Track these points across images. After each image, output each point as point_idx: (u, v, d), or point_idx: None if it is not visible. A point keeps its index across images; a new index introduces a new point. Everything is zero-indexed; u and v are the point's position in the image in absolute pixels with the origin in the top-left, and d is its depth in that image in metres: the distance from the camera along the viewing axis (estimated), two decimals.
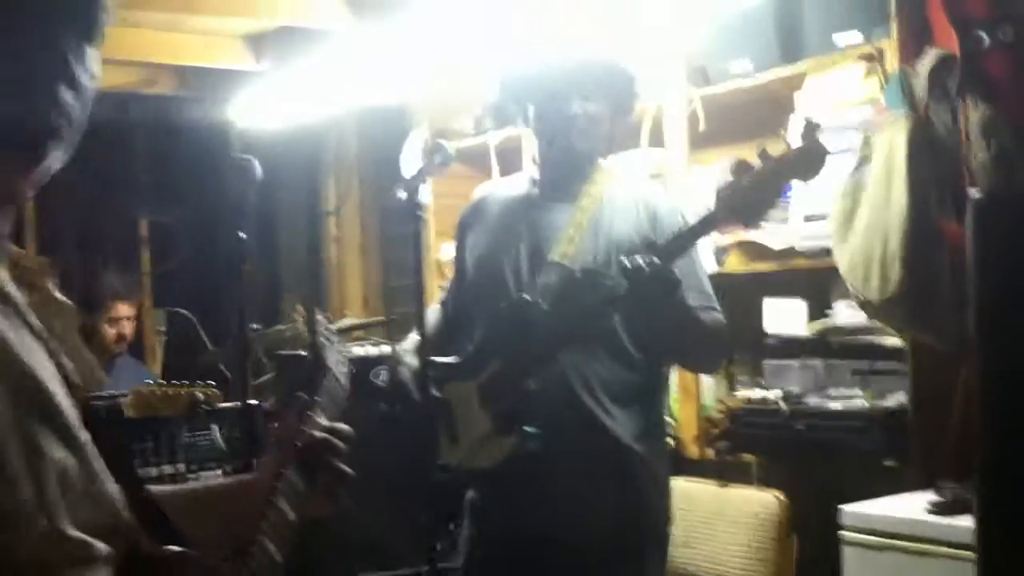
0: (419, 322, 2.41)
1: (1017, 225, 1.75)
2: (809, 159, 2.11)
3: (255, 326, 4.40)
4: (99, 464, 0.96)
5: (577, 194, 2.50)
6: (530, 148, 3.76)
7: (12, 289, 0.98)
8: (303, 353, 4.33)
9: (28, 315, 0.98)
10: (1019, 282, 1.76)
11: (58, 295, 1.16)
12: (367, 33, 4.15)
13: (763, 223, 3.16)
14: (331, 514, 1.42)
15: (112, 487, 0.97)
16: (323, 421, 1.46)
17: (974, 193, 1.97)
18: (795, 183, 2.25)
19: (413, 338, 2.55)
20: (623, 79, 2.54)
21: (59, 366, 0.98)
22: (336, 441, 1.43)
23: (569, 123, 2.46)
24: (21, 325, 0.96)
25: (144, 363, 5.34)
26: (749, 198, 2.16)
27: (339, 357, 1.71)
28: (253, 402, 3.55)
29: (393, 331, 3.12)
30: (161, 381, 3.72)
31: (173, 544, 1.03)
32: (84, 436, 0.95)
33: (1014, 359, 1.74)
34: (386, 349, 3.05)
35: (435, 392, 2.41)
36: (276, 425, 1.48)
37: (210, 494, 1.41)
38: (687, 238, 2.30)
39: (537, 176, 2.62)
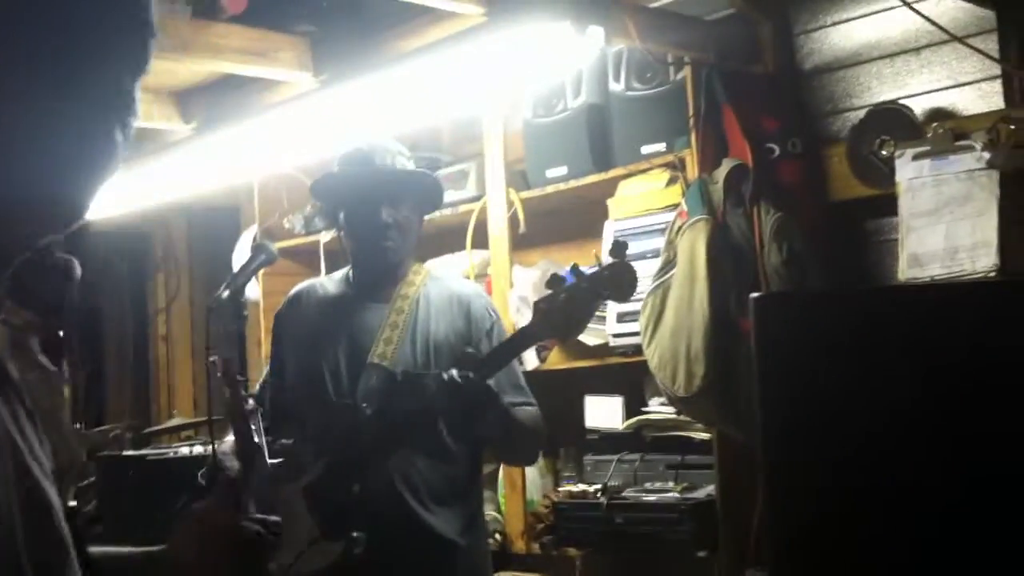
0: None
1: (793, 320, 1.88)
2: (619, 281, 2.20)
3: (77, 426, 4.28)
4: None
5: (391, 295, 2.55)
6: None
7: (11, 367, 0.87)
8: (128, 454, 4.22)
9: (25, 395, 0.87)
10: (796, 375, 1.88)
11: (43, 359, 1.03)
12: (196, 135, 4.16)
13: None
14: None
15: None
16: (253, 509, 1.43)
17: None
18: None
19: (231, 439, 2.53)
20: (431, 186, 2.62)
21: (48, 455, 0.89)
22: (267, 534, 1.40)
23: (379, 231, 2.52)
24: (21, 413, 0.86)
25: None
26: (565, 314, 2.23)
27: (260, 429, 1.66)
28: (73, 504, 3.43)
29: (220, 432, 3.08)
30: None
31: None
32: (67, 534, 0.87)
33: (791, 447, 1.85)
34: (211, 449, 3.01)
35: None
36: (204, 517, 1.43)
37: (146, 564, 1.35)
38: (507, 352, 2.37)
39: (351, 275, 2.65)
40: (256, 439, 1.78)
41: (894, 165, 2.66)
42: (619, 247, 2.23)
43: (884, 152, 2.71)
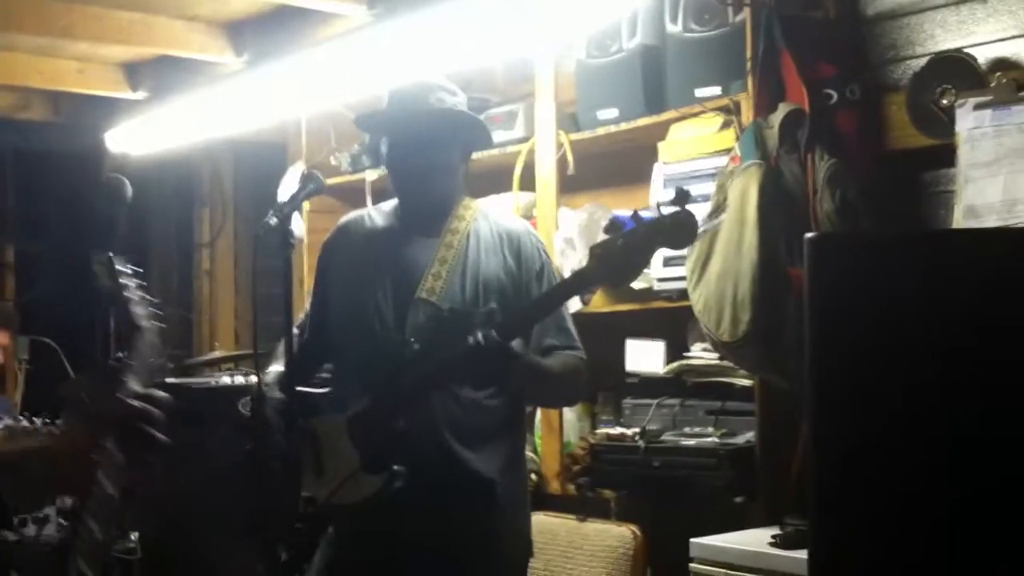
0: (287, 353, 2.40)
1: (849, 261, 1.84)
2: (679, 229, 2.15)
3: (121, 355, 4.33)
4: None
5: (441, 229, 2.53)
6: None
7: None
8: (171, 381, 4.27)
9: None
10: (850, 320, 1.85)
11: None
12: (247, 68, 4.16)
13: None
14: (145, 484, 1.47)
15: None
16: (137, 387, 1.47)
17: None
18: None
19: (276, 370, 2.54)
20: (477, 127, 2.59)
21: None
22: (152, 409, 1.44)
23: (424, 174, 2.50)
24: None
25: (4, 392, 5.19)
26: (622, 260, 2.19)
27: (146, 311, 1.69)
28: None
29: (263, 365, 3.11)
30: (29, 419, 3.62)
31: None
32: None
33: (841, 393, 1.82)
34: (253, 379, 3.02)
35: (301, 424, 2.40)
36: (89, 393, 1.49)
37: (26, 454, 1.41)
38: (558, 296, 2.37)
39: (400, 209, 2.64)
40: (138, 322, 1.79)
41: (954, 115, 2.61)
42: (681, 194, 2.18)
43: (945, 101, 2.66)
